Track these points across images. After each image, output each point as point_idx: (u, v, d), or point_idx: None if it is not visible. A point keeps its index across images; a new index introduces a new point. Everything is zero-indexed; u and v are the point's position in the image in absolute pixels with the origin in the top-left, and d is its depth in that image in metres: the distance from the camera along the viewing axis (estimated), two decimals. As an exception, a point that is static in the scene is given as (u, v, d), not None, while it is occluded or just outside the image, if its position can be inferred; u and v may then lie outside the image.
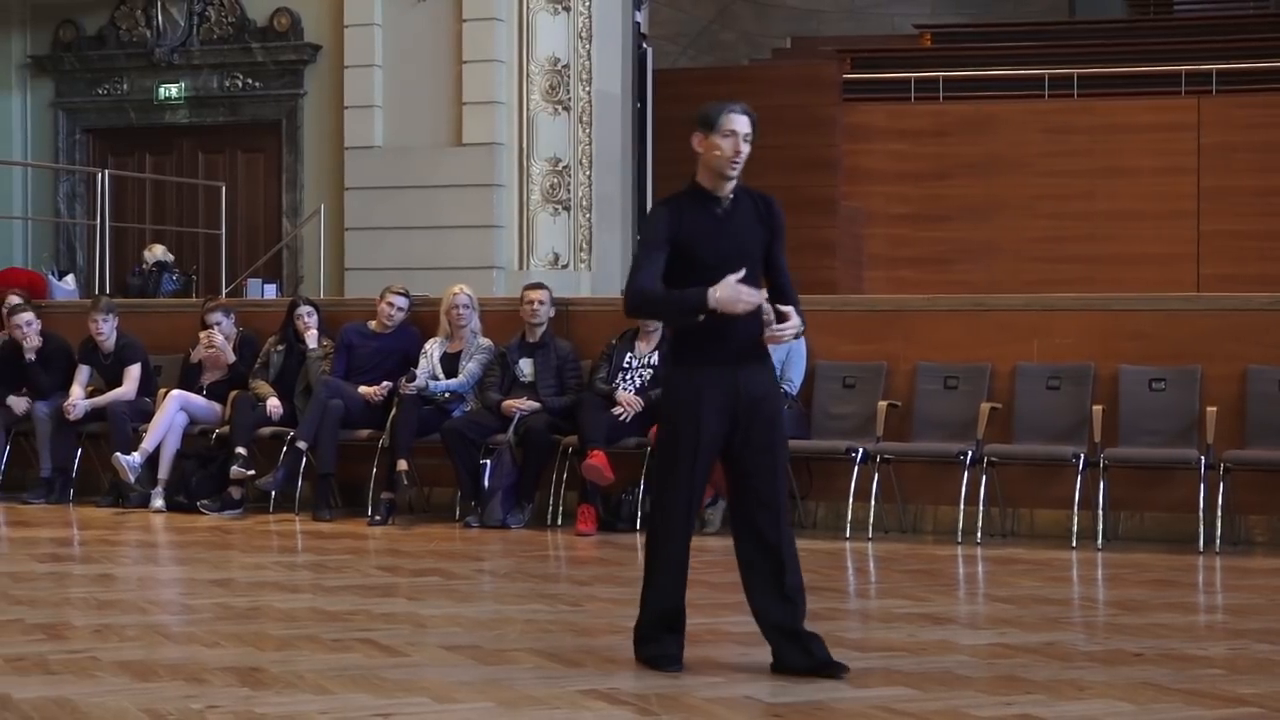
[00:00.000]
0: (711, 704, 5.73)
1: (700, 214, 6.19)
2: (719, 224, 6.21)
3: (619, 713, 5.60)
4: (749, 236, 6.25)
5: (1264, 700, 5.81)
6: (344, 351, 11.97)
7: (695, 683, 6.08)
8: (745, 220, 6.27)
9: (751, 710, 5.69)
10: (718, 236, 6.18)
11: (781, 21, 25.32)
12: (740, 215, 6.26)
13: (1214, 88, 19.65)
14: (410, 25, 17.35)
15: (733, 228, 6.20)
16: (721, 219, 6.21)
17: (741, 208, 6.27)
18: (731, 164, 6.17)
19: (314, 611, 7.72)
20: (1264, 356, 10.49)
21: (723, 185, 6.23)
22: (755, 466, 6.25)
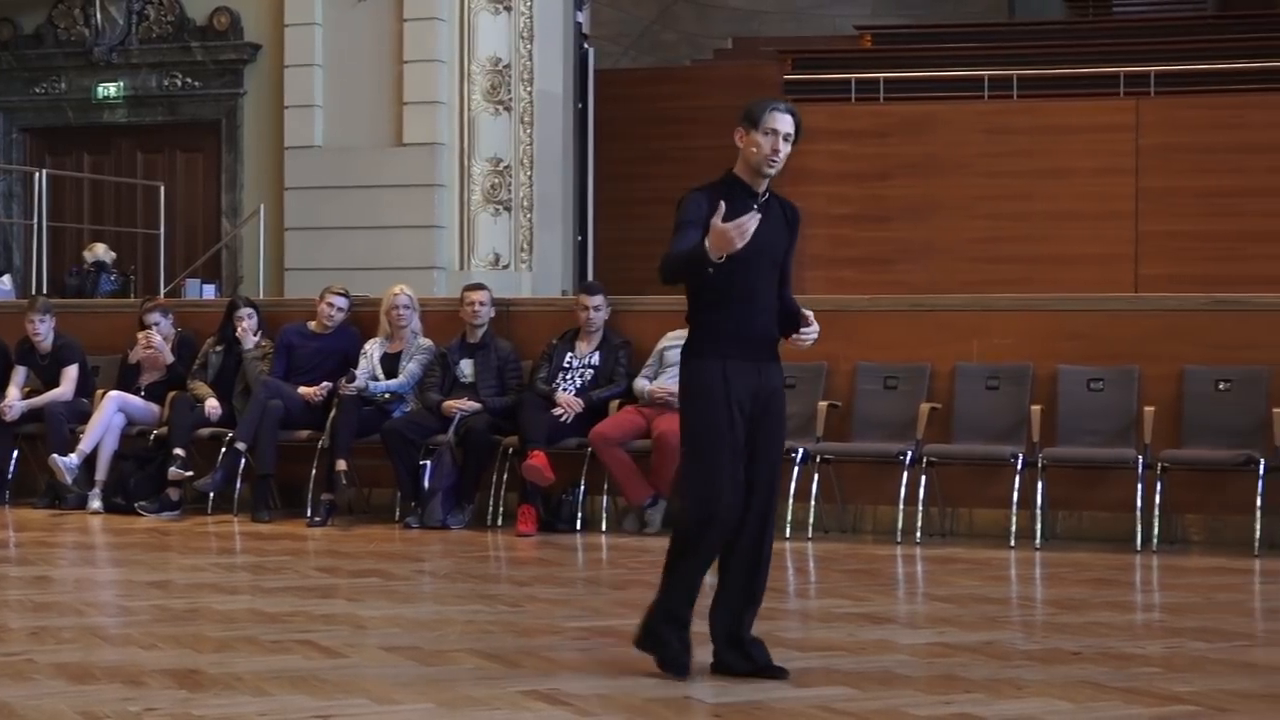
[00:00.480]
0: (652, 704, 5.73)
1: (738, 206, 6.08)
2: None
3: (559, 713, 5.60)
4: (775, 237, 6.24)
5: (1200, 698, 5.85)
6: (283, 352, 11.94)
7: (636, 684, 6.08)
8: (775, 221, 6.25)
9: (693, 711, 5.70)
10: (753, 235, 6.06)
11: (723, 22, 25.36)
12: (772, 216, 6.23)
13: (1152, 89, 19.75)
14: (351, 25, 17.32)
15: (765, 225, 6.10)
16: (756, 212, 6.09)
17: (772, 210, 6.26)
18: (769, 161, 6.16)
19: (252, 613, 7.69)
20: (1201, 357, 10.56)
21: (759, 182, 6.22)
22: (765, 464, 6.21)
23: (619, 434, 10.90)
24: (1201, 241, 18.91)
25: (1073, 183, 19.18)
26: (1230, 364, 10.49)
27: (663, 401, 10.92)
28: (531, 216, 17.49)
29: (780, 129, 6.15)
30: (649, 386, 11.07)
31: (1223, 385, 10.47)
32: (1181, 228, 19.03)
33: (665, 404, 10.89)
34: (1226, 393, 10.45)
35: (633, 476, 10.89)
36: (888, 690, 5.92)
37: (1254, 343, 10.53)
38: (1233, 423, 10.36)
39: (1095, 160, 19.13)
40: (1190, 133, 19.31)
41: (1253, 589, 8.91)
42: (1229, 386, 10.45)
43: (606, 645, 6.90)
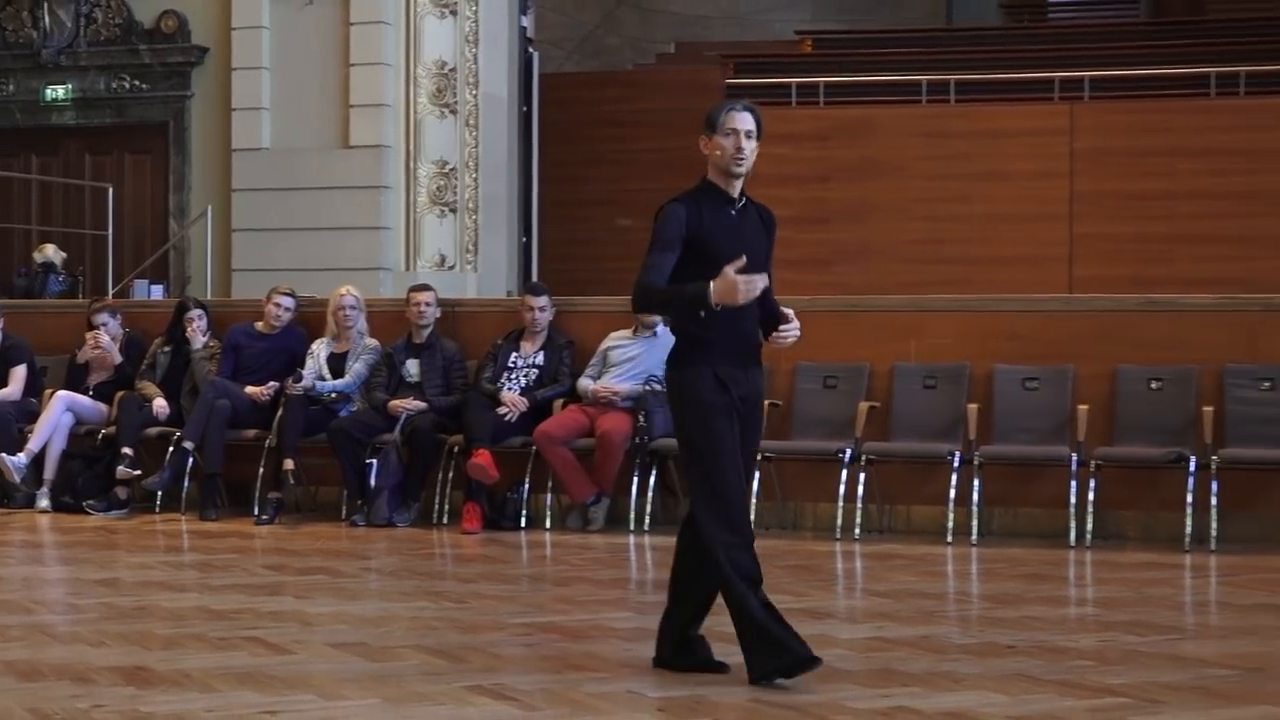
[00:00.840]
0: (595, 699, 5.74)
1: (717, 213, 6.08)
2: (735, 223, 6.11)
3: (504, 708, 5.60)
4: (757, 240, 6.13)
5: (1132, 690, 5.89)
6: (231, 352, 11.91)
7: (579, 678, 6.09)
8: (754, 225, 6.18)
9: (635, 705, 5.71)
10: (734, 235, 6.05)
11: (666, 27, 25.38)
12: (750, 219, 6.17)
13: (1086, 94, 19.84)
14: (298, 28, 17.27)
15: (746, 229, 6.10)
16: (736, 219, 6.11)
17: (750, 213, 6.19)
18: (734, 161, 6.07)
19: (200, 610, 7.66)
20: (1134, 356, 10.63)
21: (733, 184, 6.13)
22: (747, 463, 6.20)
23: (563, 433, 10.91)
24: (1134, 243, 19.01)
25: (1008, 186, 19.26)
26: (1162, 363, 10.56)
27: (606, 401, 10.94)
28: (477, 218, 17.47)
29: (740, 127, 6.08)
30: (592, 386, 11.08)
31: (1155, 384, 10.54)
32: (1114, 230, 19.12)
33: (609, 403, 10.92)
34: (1158, 391, 10.52)
35: (576, 474, 10.90)
36: (827, 684, 5.94)
37: (1185, 343, 10.60)
38: (1164, 421, 10.44)
39: (1030, 164, 19.21)
40: (1123, 137, 19.41)
41: (1183, 583, 8.98)
42: (1161, 385, 10.53)
43: (550, 641, 6.91)
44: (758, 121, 6.13)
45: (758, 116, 6.15)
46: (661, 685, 6.02)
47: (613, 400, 10.95)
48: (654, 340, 11.12)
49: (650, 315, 10.68)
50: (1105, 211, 19.20)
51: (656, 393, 10.88)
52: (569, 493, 11.00)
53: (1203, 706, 5.67)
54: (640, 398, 10.89)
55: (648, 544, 10.41)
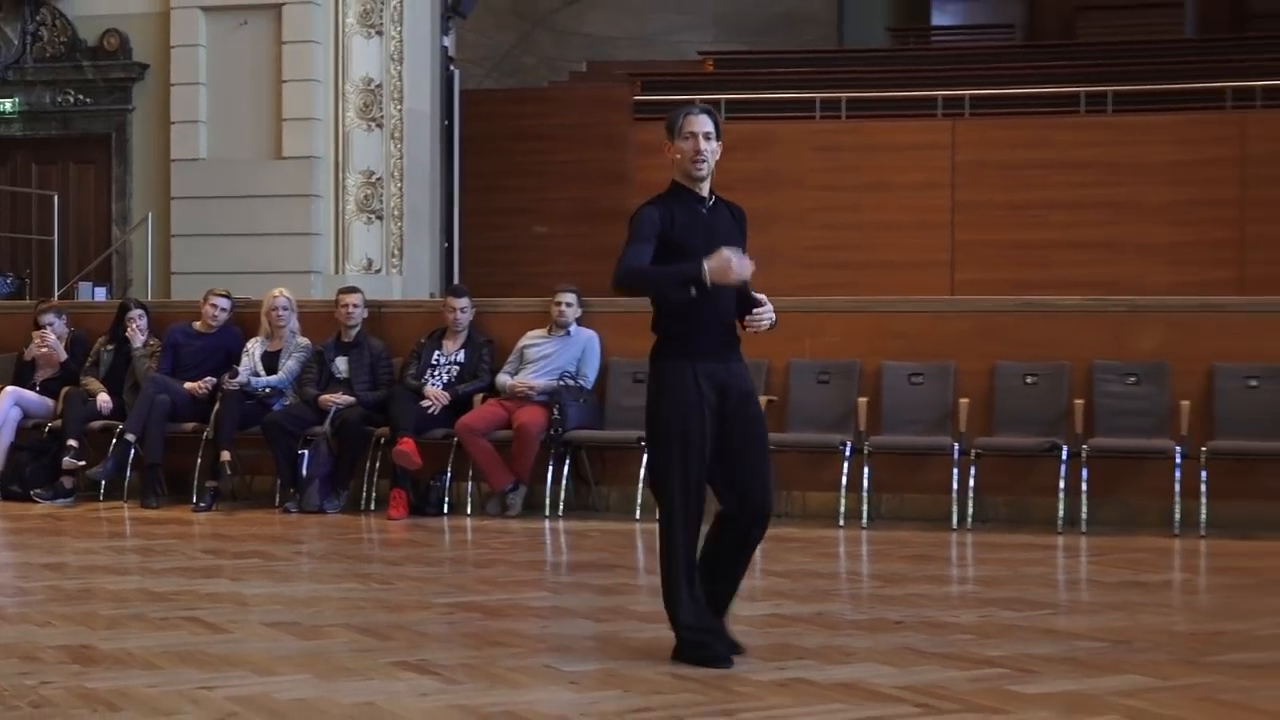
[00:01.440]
0: (513, 673, 5.74)
1: (687, 211, 5.95)
2: (707, 221, 5.96)
3: (428, 682, 5.59)
4: (729, 237, 5.92)
5: (1009, 661, 5.94)
6: (170, 350, 11.83)
7: (498, 653, 6.09)
8: (725, 222, 6.01)
9: (550, 678, 5.71)
10: (707, 231, 5.90)
11: (578, 47, 25.36)
12: (721, 217, 6.01)
13: (967, 111, 19.99)
14: (233, 46, 17.15)
15: (718, 226, 5.97)
16: (708, 217, 5.97)
17: (721, 211, 6.03)
18: (694, 163, 5.91)
19: (142, 592, 7.60)
20: (1011, 353, 10.71)
21: (698, 185, 5.97)
22: (743, 462, 5.95)
23: (483, 425, 10.89)
24: (1010, 249, 19.17)
25: (896, 196, 19.39)
26: (1036, 360, 10.65)
27: (523, 395, 10.93)
28: (402, 225, 17.40)
29: (698, 130, 5.91)
30: (510, 381, 11.07)
31: (1030, 379, 10.62)
32: (992, 237, 19.29)
33: (525, 398, 10.91)
34: (1033, 386, 10.61)
35: (495, 464, 10.88)
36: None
37: (1057, 341, 10.69)
38: (1038, 413, 10.52)
39: (916, 176, 19.35)
40: (1000, 151, 19.58)
41: (1056, 563, 9.05)
42: (1035, 380, 10.61)
43: (471, 619, 6.90)
44: (715, 123, 5.97)
45: (714, 118, 5.99)
46: (575, 660, 6.02)
47: (529, 395, 10.94)
48: (567, 339, 11.13)
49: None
50: (984, 220, 19.37)
51: (570, 387, 10.89)
52: (488, 481, 10.98)
53: (1074, 676, 5.72)
54: (555, 392, 10.88)
55: (562, 529, 10.40)
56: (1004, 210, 19.39)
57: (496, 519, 10.78)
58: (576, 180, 19.73)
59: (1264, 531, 9.93)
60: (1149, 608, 7.32)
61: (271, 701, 5.30)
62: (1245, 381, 10.33)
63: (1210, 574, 8.59)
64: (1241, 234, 18.94)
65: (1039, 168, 19.45)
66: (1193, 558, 9.12)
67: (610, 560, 8.97)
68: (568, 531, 10.27)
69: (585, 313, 11.33)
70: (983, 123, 19.91)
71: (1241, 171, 19.06)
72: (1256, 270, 18.47)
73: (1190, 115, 19.43)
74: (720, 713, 5.17)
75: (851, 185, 19.57)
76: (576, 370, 11.04)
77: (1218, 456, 10.04)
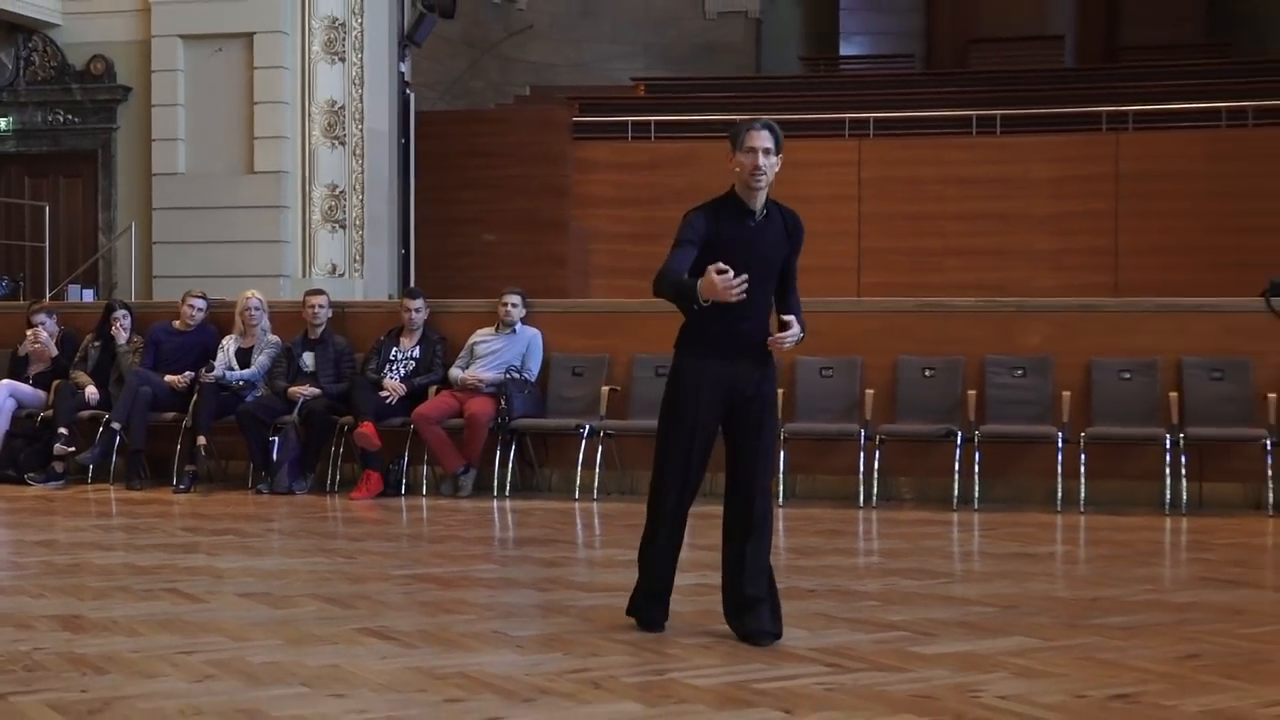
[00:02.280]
0: (465, 637, 5.72)
1: (735, 223, 5.66)
2: (751, 234, 5.68)
3: (387, 646, 5.56)
4: (773, 250, 5.72)
5: (910, 625, 5.97)
6: (152, 346, 11.77)
7: (451, 620, 6.07)
8: (774, 233, 5.73)
9: (498, 642, 5.69)
10: (748, 245, 5.63)
11: (522, 73, 25.31)
12: (770, 229, 5.72)
13: (871, 132, 20.09)
14: (209, 71, 17.03)
15: (762, 239, 5.68)
16: (754, 230, 5.68)
17: (772, 221, 5.74)
18: (753, 177, 5.64)
19: (127, 566, 7.54)
20: (912, 349, 10.76)
21: (753, 197, 5.69)
22: (743, 451, 5.81)
23: (436, 414, 10.86)
24: (911, 256, 19.28)
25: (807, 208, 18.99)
26: (934, 354, 10.70)
27: (473, 387, 10.91)
28: (363, 233, 17.33)
29: (758, 145, 5.63)
30: (461, 374, 11.05)
31: (928, 372, 10.67)
32: (895, 245, 19.39)
33: (475, 389, 10.89)
34: (931, 378, 10.66)
35: (448, 449, 10.85)
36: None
37: (953, 338, 10.75)
38: (936, 402, 10.58)
39: (826, 190, 19.38)
40: (901, 168, 19.68)
41: (952, 537, 9.10)
42: (933, 373, 10.66)
43: (427, 589, 6.87)
44: (776, 138, 5.70)
45: (776, 134, 5.71)
46: (520, 625, 6.01)
47: (478, 387, 10.92)
48: (513, 336, 11.11)
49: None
50: (887, 230, 19.47)
51: (515, 380, 10.87)
52: (442, 465, 10.95)
53: (968, 638, 5.75)
54: (502, 384, 10.86)
55: (508, 507, 10.38)
56: (905, 221, 19.49)
57: (449, 499, 10.74)
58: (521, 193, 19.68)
59: (1136, 508, 10.02)
60: (1034, 576, 7.37)
61: (245, 665, 5.26)
62: (1119, 374, 10.41)
63: (1088, 546, 8.66)
64: (1116, 243, 19.12)
65: (936, 183, 19.57)
66: (1073, 532, 9.19)
67: (552, 536, 8.96)
68: (514, 510, 10.25)
69: (529, 312, 11.32)
70: (886, 143, 20.01)
71: (1115, 187, 19.23)
72: (1128, 275, 18.64)
73: (1070, 136, 19.60)
74: (652, 672, 5.18)
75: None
76: (521, 364, 11.03)
77: (1095, 441, 10.11)
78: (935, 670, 5.21)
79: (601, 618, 6.10)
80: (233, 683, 5.01)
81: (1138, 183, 19.14)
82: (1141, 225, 18.98)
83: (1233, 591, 6.92)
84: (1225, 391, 10.26)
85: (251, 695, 4.85)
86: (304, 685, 4.98)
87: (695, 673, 5.17)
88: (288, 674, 5.14)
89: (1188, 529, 9.27)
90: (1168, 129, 19.50)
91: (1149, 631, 5.90)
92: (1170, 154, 19.17)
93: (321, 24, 17.08)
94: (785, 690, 4.93)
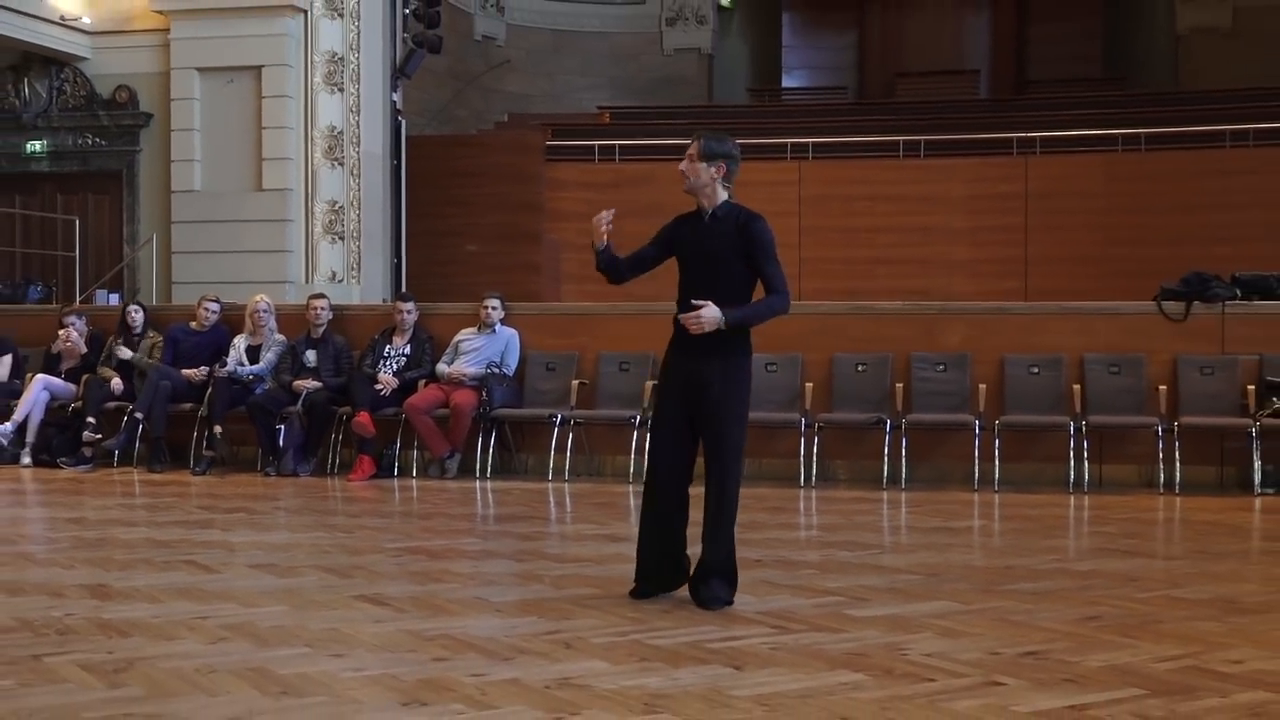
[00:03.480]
0: (450, 603, 5.70)
1: (690, 225, 5.79)
2: (699, 233, 5.74)
3: (381, 611, 5.54)
4: (719, 247, 5.69)
5: (845, 592, 5.98)
6: (171, 344, 11.70)
7: (439, 588, 6.05)
8: (723, 231, 5.71)
9: (480, 607, 5.67)
10: (695, 243, 5.73)
11: (501, 102, 25.27)
12: (720, 228, 5.72)
13: (810, 155, 20.11)
14: (223, 99, 16.95)
15: (708, 238, 5.70)
16: (701, 231, 5.74)
17: (723, 222, 5.75)
18: (683, 183, 5.77)
19: (148, 541, 7.49)
20: (846, 346, 10.77)
21: (698, 201, 5.77)
22: (706, 437, 5.82)
23: (425, 404, 10.82)
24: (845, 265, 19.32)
25: (754, 222, 19.40)
26: (866, 351, 10.71)
27: (457, 380, 10.87)
28: (359, 244, 17.26)
29: (687, 153, 5.74)
30: (447, 370, 11.01)
31: (861, 367, 10.69)
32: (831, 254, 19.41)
33: (459, 383, 10.85)
34: (864, 373, 10.67)
35: (435, 436, 10.82)
36: (622, 590, 5.95)
37: (882, 336, 10.76)
38: (868, 394, 10.59)
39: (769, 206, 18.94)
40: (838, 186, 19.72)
41: (882, 513, 9.11)
42: (865, 368, 10.67)
43: (417, 560, 6.84)
44: (702, 146, 5.73)
45: (704, 142, 5.75)
46: (500, 592, 5.99)
47: (463, 380, 10.88)
48: (493, 336, 11.08)
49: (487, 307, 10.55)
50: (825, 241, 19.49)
51: (495, 374, 10.84)
52: (430, 450, 10.91)
53: (897, 602, 5.76)
54: (483, 378, 10.83)
55: (489, 488, 10.35)
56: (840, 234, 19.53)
57: (436, 480, 10.71)
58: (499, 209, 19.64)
59: (1042, 487, 10.05)
60: (955, 548, 7.39)
61: (254, 628, 5.23)
62: (1029, 369, 10.45)
63: (1002, 521, 8.68)
64: (1025, 253, 19.19)
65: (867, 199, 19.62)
66: (988, 508, 9.21)
67: (529, 513, 8.93)
68: (493, 490, 10.22)
69: (507, 314, 11.29)
70: (823, 164, 20.05)
71: (1025, 204, 19.31)
72: (1037, 281, 18.72)
73: (984, 159, 19.68)
74: (616, 634, 5.17)
75: (719, 213, 19.54)
76: (501, 360, 10.99)
77: (1007, 428, 10.14)
78: (867, 631, 5.21)
79: (572, 585, 6.08)
80: (244, 644, 4.98)
81: (1045, 200, 19.23)
82: (1048, 238, 19.07)
83: (1128, 560, 6.95)
84: (1122, 384, 10.30)
85: (261, 655, 4.82)
86: (307, 646, 4.95)
87: (655, 634, 5.16)
88: (293, 636, 5.11)
89: (1089, 506, 9.31)
90: (1071, 153, 19.61)
91: (1055, 596, 5.92)
92: (1073, 175, 19.28)
93: (323, 58, 17.02)
94: (734, 649, 4.93)
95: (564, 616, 5.46)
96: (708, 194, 5.81)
